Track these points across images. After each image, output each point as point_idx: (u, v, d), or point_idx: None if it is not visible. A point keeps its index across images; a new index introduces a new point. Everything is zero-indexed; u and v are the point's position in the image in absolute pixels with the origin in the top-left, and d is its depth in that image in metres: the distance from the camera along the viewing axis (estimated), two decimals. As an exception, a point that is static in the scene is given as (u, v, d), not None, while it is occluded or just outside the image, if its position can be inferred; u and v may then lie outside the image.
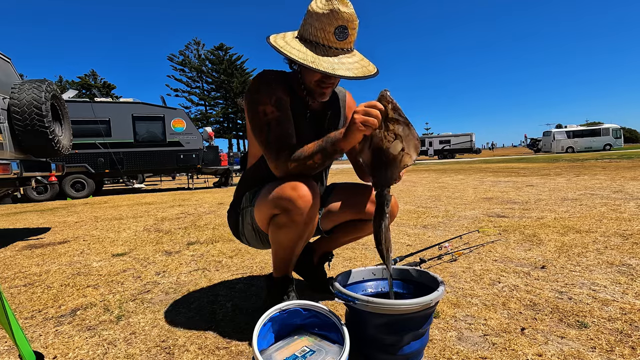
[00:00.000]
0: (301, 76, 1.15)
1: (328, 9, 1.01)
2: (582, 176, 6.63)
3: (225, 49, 43.09)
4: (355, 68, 1.05)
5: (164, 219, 4.06)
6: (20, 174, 2.96)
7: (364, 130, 0.94)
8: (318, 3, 1.04)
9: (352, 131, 0.97)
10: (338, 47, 1.04)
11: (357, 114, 0.94)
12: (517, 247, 2.10)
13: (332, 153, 1.04)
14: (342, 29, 1.02)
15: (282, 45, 1.05)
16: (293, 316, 0.94)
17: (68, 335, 1.25)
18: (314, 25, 1.03)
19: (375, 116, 0.93)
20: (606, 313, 1.20)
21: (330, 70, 1.01)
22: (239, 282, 1.72)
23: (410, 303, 0.85)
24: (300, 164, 1.04)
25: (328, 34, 1.03)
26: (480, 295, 1.41)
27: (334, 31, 1.02)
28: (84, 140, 8.54)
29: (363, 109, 0.94)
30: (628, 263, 1.70)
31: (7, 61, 3.47)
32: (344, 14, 1.01)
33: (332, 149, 1.03)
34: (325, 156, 1.04)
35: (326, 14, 1.01)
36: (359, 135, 0.96)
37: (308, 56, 1.02)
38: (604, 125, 28.80)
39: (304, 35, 1.07)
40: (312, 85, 1.13)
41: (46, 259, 2.44)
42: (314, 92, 1.15)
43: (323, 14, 1.01)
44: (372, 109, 0.93)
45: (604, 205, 3.34)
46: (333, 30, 1.02)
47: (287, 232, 1.09)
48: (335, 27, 1.02)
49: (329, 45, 1.04)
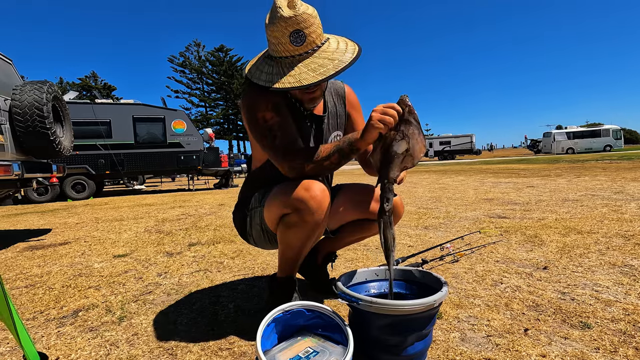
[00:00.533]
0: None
1: (275, 19, 0.97)
2: (582, 177, 6.63)
3: (225, 50, 43.19)
4: (324, 66, 0.99)
5: (165, 220, 4.06)
6: (22, 175, 2.97)
7: (381, 127, 0.95)
8: (268, 16, 1.01)
9: (368, 129, 0.97)
10: (300, 52, 1.00)
11: (375, 112, 0.96)
12: (519, 247, 2.09)
13: (349, 153, 1.04)
14: (296, 34, 0.97)
15: (253, 72, 1.07)
16: (296, 317, 0.94)
17: (70, 336, 1.24)
18: (271, 40, 1.02)
19: (392, 115, 0.94)
20: (609, 314, 1.20)
21: (297, 83, 0.98)
22: (240, 283, 1.72)
23: (413, 304, 0.85)
24: (317, 165, 1.04)
25: (285, 44, 0.99)
26: (483, 296, 1.41)
27: (289, 40, 0.98)
28: (85, 141, 8.55)
29: (381, 109, 0.95)
30: (630, 264, 1.70)
31: (8, 63, 3.48)
32: (291, 19, 0.96)
33: (349, 149, 1.03)
34: (342, 156, 1.04)
35: (276, 25, 0.97)
36: (375, 133, 0.97)
37: (274, 77, 1.01)
38: (604, 127, 28.83)
39: (269, 52, 1.06)
40: (298, 97, 1.13)
41: (47, 260, 2.44)
42: (302, 101, 1.15)
43: (274, 25, 0.98)
44: (390, 109, 0.95)
45: (605, 206, 3.34)
46: (288, 39, 0.98)
47: (296, 231, 1.09)
48: (288, 34, 0.97)
49: (291, 55, 1.00)
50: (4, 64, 3.39)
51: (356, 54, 1.03)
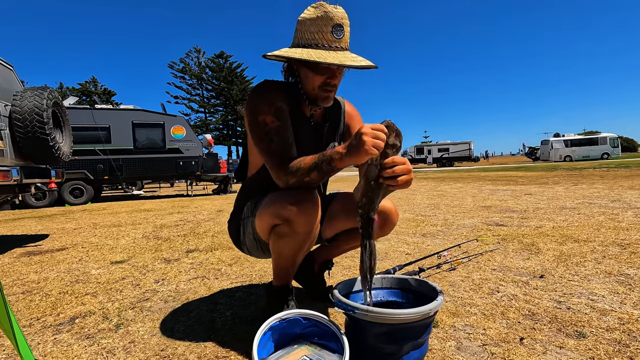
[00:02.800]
0: (302, 85, 1.16)
1: (322, 12, 1.06)
2: (580, 185, 6.66)
3: (225, 56, 43.42)
4: (359, 60, 1.08)
5: (163, 226, 4.06)
6: (20, 180, 2.97)
7: (374, 154, 0.90)
8: (308, 11, 1.08)
9: (359, 153, 0.90)
10: (337, 45, 1.08)
11: (367, 135, 0.88)
12: (516, 256, 2.10)
13: (328, 172, 1.02)
14: (339, 27, 1.07)
15: (281, 52, 1.08)
16: (293, 325, 0.95)
17: (67, 343, 1.24)
18: (310, 29, 1.07)
19: (382, 139, 0.89)
20: (604, 323, 1.21)
21: (338, 61, 1.03)
22: (238, 291, 1.72)
23: (409, 313, 0.86)
24: (298, 179, 1.04)
25: (326, 34, 1.06)
26: (479, 304, 1.42)
27: (332, 30, 1.06)
28: (84, 146, 8.56)
29: (372, 132, 0.89)
30: (626, 273, 1.71)
31: (9, 69, 3.50)
32: (337, 13, 1.06)
33: (328, 168, 1.00)
34: (321, 174, 1.02)
35: (321, 17, 1.05)
36: (366, 157, 0.91)
37: (312, 54, 1.04)
38: (602, 134, 29.02)
39: (301, 42, 1.09)
40: (316, 91, 1.14)
41: (44, 266, 2.44)
42: (317, 97, 1.15)
43: (318, 17, 1.06)
44: (380, 133, 0.89)
45: (602, 214, 3.36)
46: (330, 29, 1.06)
47: (288, 241, 1.10)
48: (332, 26, 1.06)
49: (328, 44, 1.07)
50: (5, 70, 3.41)
51: (374, 64, 1.12)
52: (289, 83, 1.21)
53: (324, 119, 1.29)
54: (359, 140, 0.90)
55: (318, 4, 1.07)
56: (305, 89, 1.16)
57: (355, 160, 0.94)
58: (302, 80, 1.15)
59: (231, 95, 42.54)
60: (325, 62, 1.02)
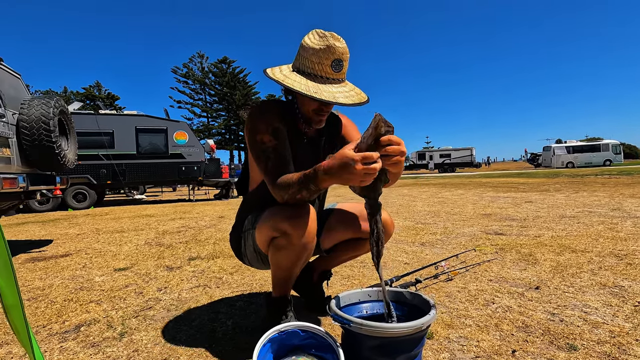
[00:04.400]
0: (297, 106, 1.23)
1: (325, 45, 1.10)
2: (581, 192, 6.68)
3: (228, 62, 43.78)
4: (351, 96, 1.13)
5: (165, 233, 4.10)
6: (27, 187, 3.03)
7: (368, 182, 0.92)
8: (313, 39, 1.12)
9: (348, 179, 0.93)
10: (334, 77, 1.13)
11: (357, 163, 0.89)
12: (513, 266, 2.13)
13: (315, 191, 1.04)
14: (338, 62, 1.12)
15: (282, 78, 1.13)
16: (291, 337, 0.98)
17: (73, 351, 1.28)
18: (311, 59, 1.11)
19: (374, 168, 0.90)
20: (595, 336, 1.24)
21: (332, 99, 1.08)
22: (239, 300, 1.76)
23: (402, 327, 0.89)
24: (290, 196, 1.08)
25: (325, 66, 1.11)
26: (474, 316, 1.45)
27: (331, 64, 1.11)
28: (87, 151, 8.65)
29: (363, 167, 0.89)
30: (620, 285, 1.74)
31: (17, 77, 3.57)
32: (339, 48, 1.10)
33: (315, 188, 1.02)
34: (310, 193, 1.05)
35: (323, 49, 1.10)
36: (358, 183, 0.93)
37: (310, 87, 1.09)
38: (604, 141, 28.98)
39: (301, 67, 1.14)
40: (310, 114, 1.21)
41: (49, 272, 2.48)
42: (311, 120, 1.23)
43: (320, 49, 1.10)
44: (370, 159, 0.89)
45: (601, 224, 3.38)
46: (330, 63, 1.11)
47: (285, 254, 1.14)
48: (332, 60, 1.11)
49: (326, 76, 1.12)
50: (13, 78, 3.49)
51: (367, 98, 1.16)
52: (287, 102, 1.28)
53: (319, 133, 1.34)
54: (348, 166, 0.90)
55: (323, 35, 1.11)
56: (300, 110, 1.23)
57: (346, 181, 0.95)
58: (299, 102, 1.22)
59: (234, 100, 42.82)
60: (319, 99, 1.07)
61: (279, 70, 1.17)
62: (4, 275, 0.60)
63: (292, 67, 1.18)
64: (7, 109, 3.12)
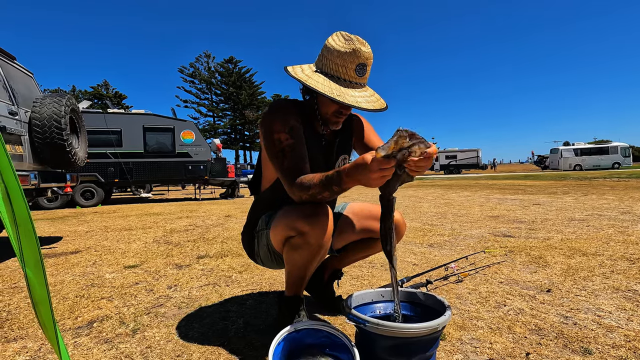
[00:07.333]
0: (317, 107, 1.22)
1: (350, 49, 1.09)
2: (589, 195, 6.61)
3: (235, 62, 44.01)
4: (372, 101, 1.13)
5: (173, 231, 4.13)
6: (38, 184, 3.06)
7: (381, 184, 0.94)
8: (338, 42, 1.11)
9: (363, 182, 0.95)
10: (357, 81, 1.13)
11: (372, 172, 0.90)
12: (523, 269, 2.12)
13: (339, 192, 1.05)
14: (362, 66, 1.11)
15: (304, 78, 1.13)
16: (306, 336, 0.99)
17: (87, 347, 1.29)
18: (336, 61, 1.11)
19: (389, 172, 0.90)
20: (610, 340, 1.23)
21: (355, 103, 1.08)
22: (249, 298, 1.77)
23: (417, 327, 0.89)
24: (311, 196, 1.08)
25: (350, 70, 1.11)
26: (486, 318, 1.44)
27: (355, 68, 1.11)
28: (96, 150, 8.73)
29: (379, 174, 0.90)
30: (634, 289, 1.72)
31: (29, 76, 3.62)
32: (364, 53, 1.10)
33: (339, 189, 1.03)
34: (332, 193, 1.05)
35: (349, 53, 1.09)
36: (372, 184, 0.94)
37: (333, 89, 1.09)
38: (613, 144, 28.64)
39: (324, 69, 1.14)
40: (329, 116, 1.21)
41: (60, 269, 2.51)
42: (329, 121, 1.23)
43: (346, 52, 1.09)
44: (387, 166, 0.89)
45: (612, 227, 3.34)
46: (354, 67, 1.11)
47: (301, 253, 1.14)
48: (356, 64, 1.10)
49: (349, 80, 1.12)
50: (26, 77, 3.53)
51: (386, 105, 1.17)
52: (302, 102, 1.27)
53: (334, 135, 1.34)
54: (364, 170, 0.92)
55: (349, 38, 1.11)
56: (319, 110, 1.23)
57: (361, 183, 0.97)
58: (319, 102, 1.22)
59: (240, 99, 43.02)
60: (342, 102, 1.07)
61: (300, 69, 1.17)
62: (35, 270, 0.61)
63: (315, 67, 1.17)
64: (20, 107, 3.16)
